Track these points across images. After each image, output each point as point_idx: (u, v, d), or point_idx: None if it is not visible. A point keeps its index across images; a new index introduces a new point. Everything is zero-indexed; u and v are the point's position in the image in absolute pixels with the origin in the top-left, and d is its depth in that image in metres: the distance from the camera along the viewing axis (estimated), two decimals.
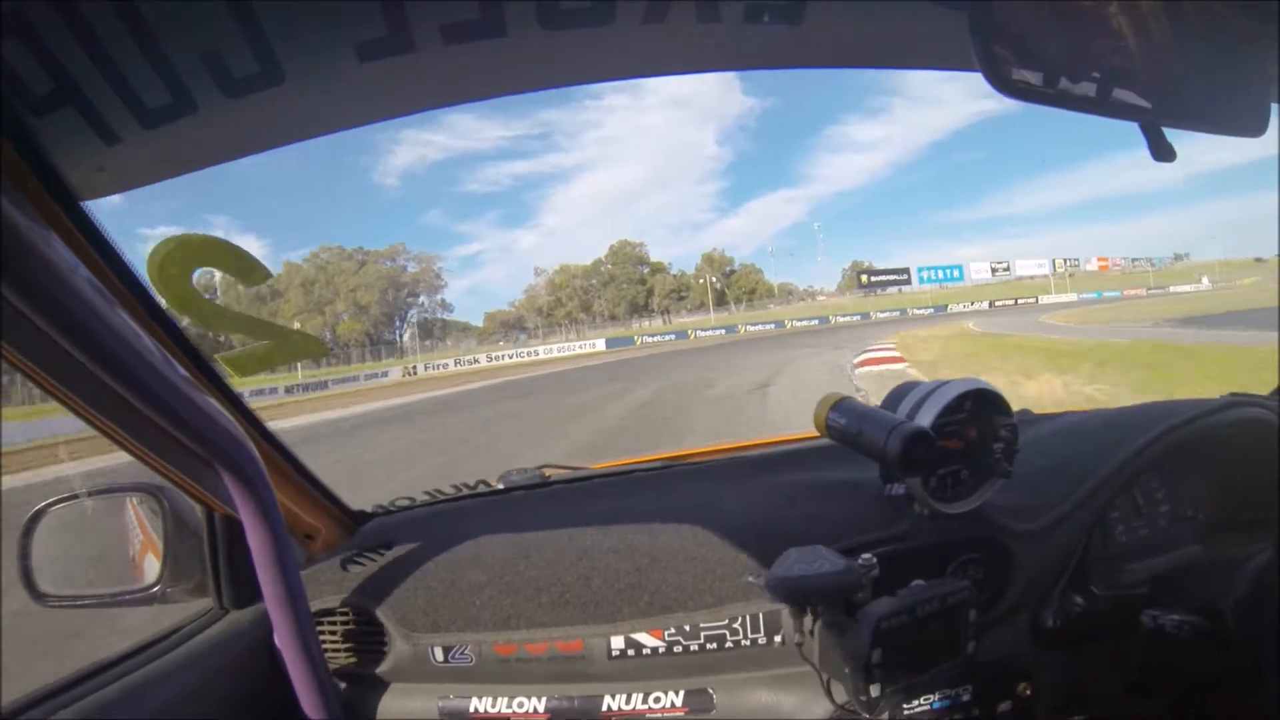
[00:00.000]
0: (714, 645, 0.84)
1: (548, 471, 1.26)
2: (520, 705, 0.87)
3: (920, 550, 0.87)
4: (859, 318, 58.46)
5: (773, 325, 59.81)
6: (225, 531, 0.85)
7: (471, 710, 0.88)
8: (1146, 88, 0.62)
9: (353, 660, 0.91)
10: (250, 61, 0.57)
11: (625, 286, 75.62)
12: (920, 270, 76.23)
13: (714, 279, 75.74)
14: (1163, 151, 0.60)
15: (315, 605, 0.88)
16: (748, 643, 0.84)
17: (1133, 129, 0.60)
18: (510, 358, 50.08)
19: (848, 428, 0.85)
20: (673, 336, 57.09)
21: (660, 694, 0.86)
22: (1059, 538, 0.90)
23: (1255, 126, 0.67)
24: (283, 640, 0.81)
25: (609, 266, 76.80)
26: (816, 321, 59.38)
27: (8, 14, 0.50)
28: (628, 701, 0.86)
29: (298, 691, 0.81)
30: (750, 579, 0.78)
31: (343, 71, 0.60)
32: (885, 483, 0.94)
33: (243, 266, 0.70)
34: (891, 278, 78.82)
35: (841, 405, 0.88)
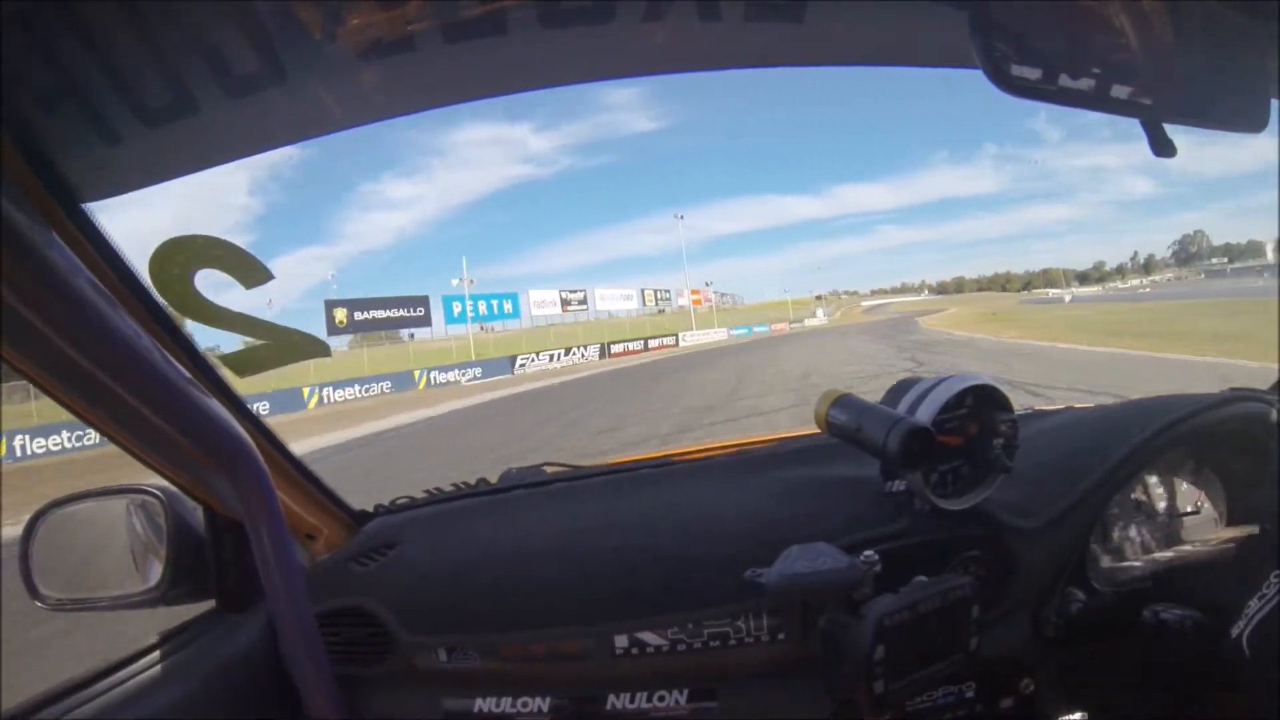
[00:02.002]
0: (717, 644, 0.84)
1: (548, 469, 1.26)
2: (525, 705, 0.87)
3: (922, 547, 0.88)
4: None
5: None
6: (227, 533, 0.85)
7: (476, 710, 0.88)
8: (1147, 84, 0.62)
9: (356, 662, 0.91)
10: (252, 61, 0.57)
11: None
12: (448, 302, 43.13)
13: None
14: (1163, 148, 0.60)
15: (318, 606, 0.88)
16: (751, 641, 0.84)
17: None
18: None
19: (848, 424, 0.86)
20: None
21: (664, 693, 0.86)
22: (1060, 534, 0.91)
23: (1256, 123, 0.67)
24: (286, 642, 0.81)
25: None
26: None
27: (9, 13, 0.50)
28: (631, 701, 0.86)
29: (301, 693, 0.81)
30: (752, 576, 0.78)
31: (344, 71, 0.61)
32: (886, 479, 0.94)
33: (244, 267, 0.70)
34: (388, 314, 44.69)
35: (842, 401, 0.88)
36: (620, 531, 0.97)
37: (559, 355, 39.49)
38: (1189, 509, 1.06)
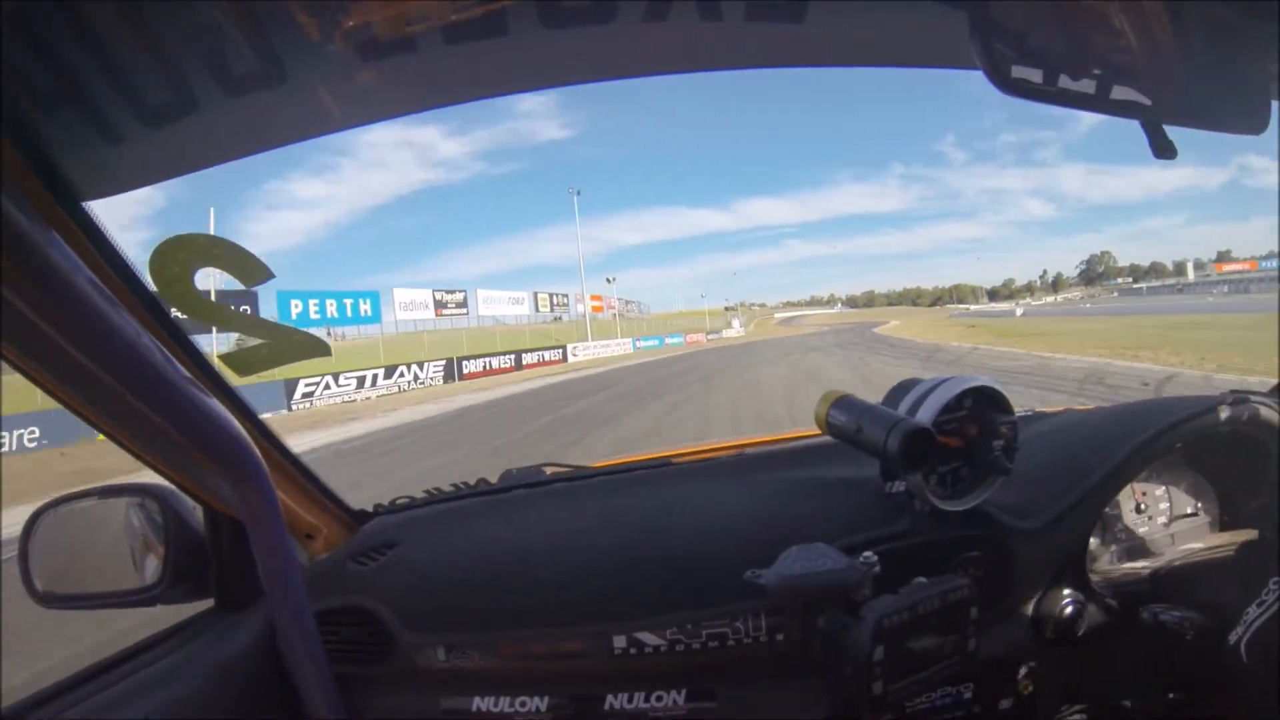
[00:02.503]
0: (716, 644, 0.84)
1: (547, 470, 1.26)
2: (523, 705, 0.87)
3: (921, 548, 0.88)
4: None
5: None
6: (226, 532, 0.85)
7: (474, 710, 0.88)
8: (1147, 85, 0.62)
9: (355, 661, 0.91)
10: (251, 60, 0.57)
11: None
12: (284, 300, 29.84)
13: None
14: (1163, 149, 0.60)
15: (317, 605, 0.88)
16: (750, 641, 0.84)
17: None
18: None
19: (848, 425, 0.86)
20: None
21: (662, 693, 0.86)
22: (1059, 535, 0.91)
23: (1256, 124, 0.67)
24: (285, 641, 0.81)
25: None
26: None
27: (9, 14, 0.50)
28: (630, 700, 0.86)
29: (300, 692, 0.81)
30: (751, 577, 0.78)
31: (344, 71, 0.61)
32: (886, 480, 0.94)
33: (245, 266, 0.70)
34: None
35: (842, 402, 0.88)
36: (619, 531, 0.97)
37: (373, 379, 23.95)
38: (1188, 511, 1.06)
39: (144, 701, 0.72)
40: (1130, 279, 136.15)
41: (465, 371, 27.84)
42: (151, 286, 0.71)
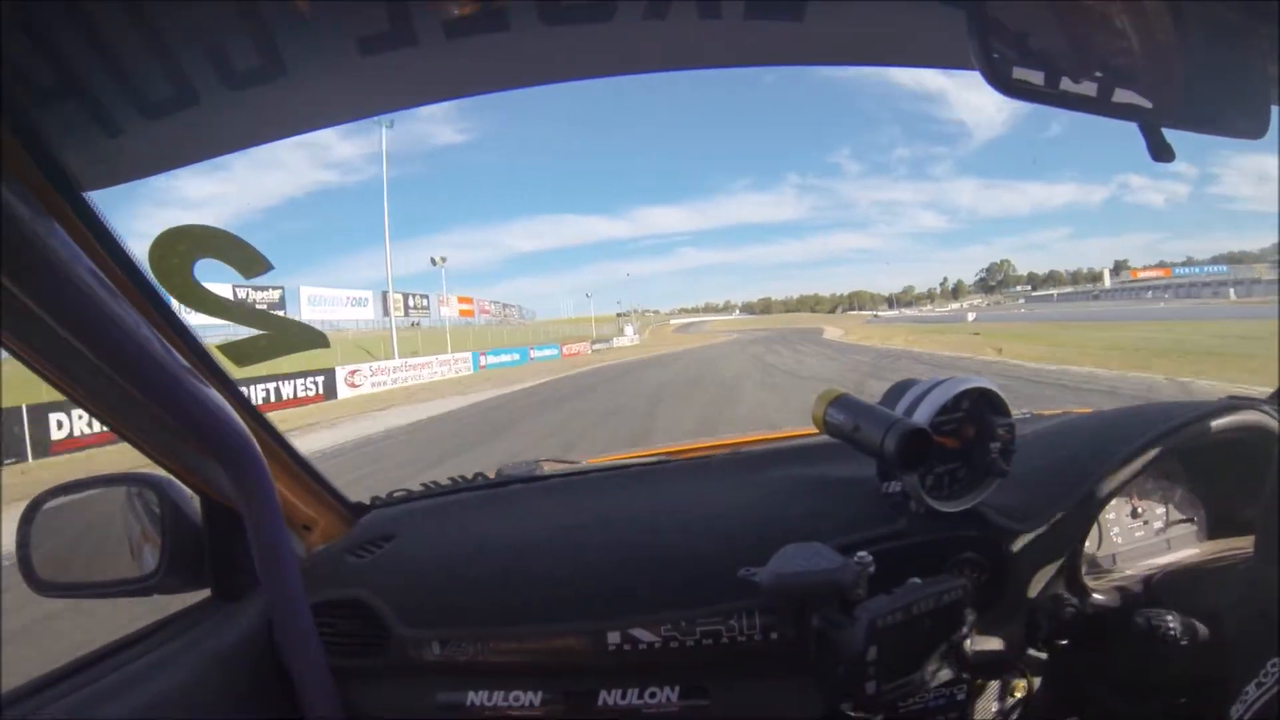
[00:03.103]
0: (710, 642, 0.84)
1: (544, 465, 1.26)
2: (516, 700, 0.87)
3: (917, 548, 0.88)
4: None
5: None
6: (224, 522, 0.86)
7: (468, 704, 0.88)
8: (1147, 88, 0.62)
9: (350, 653, 0.91)
10: (252, 54, 0.57)
11: None
12: None
13: None
14: (1161, 152, 0.60)
15: (313, 597, 0.88)
16: (744, 639, 0.85)
17: None
18: None
19: (845, 424, 0.86)
20: None
21: (656, 689, 0.86)
22: (1055, 538, 0.91)
23: (1255, 129, 0.67)
24: (281, 632, 0.81)
25: None
26: None
27: (11, 6, 0.50)
28: (624, 697, 0.86)
29: (296, 683, 0.81)
30: (746, 575, 0.78)
31: (344, 65, 0.61)
32: (883, 480, 0.94)
33: (244, 258, 0.70)
34: None
35: (840, 401, 0.88)
36: (616, 528, 0.98)
37: None
38: (1184, 517, 1.06)
39: (139, 690, 0.72)
40: (1029, 286, 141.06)
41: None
42: (151, 277, 0.71)
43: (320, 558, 0.99)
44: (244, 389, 0.83)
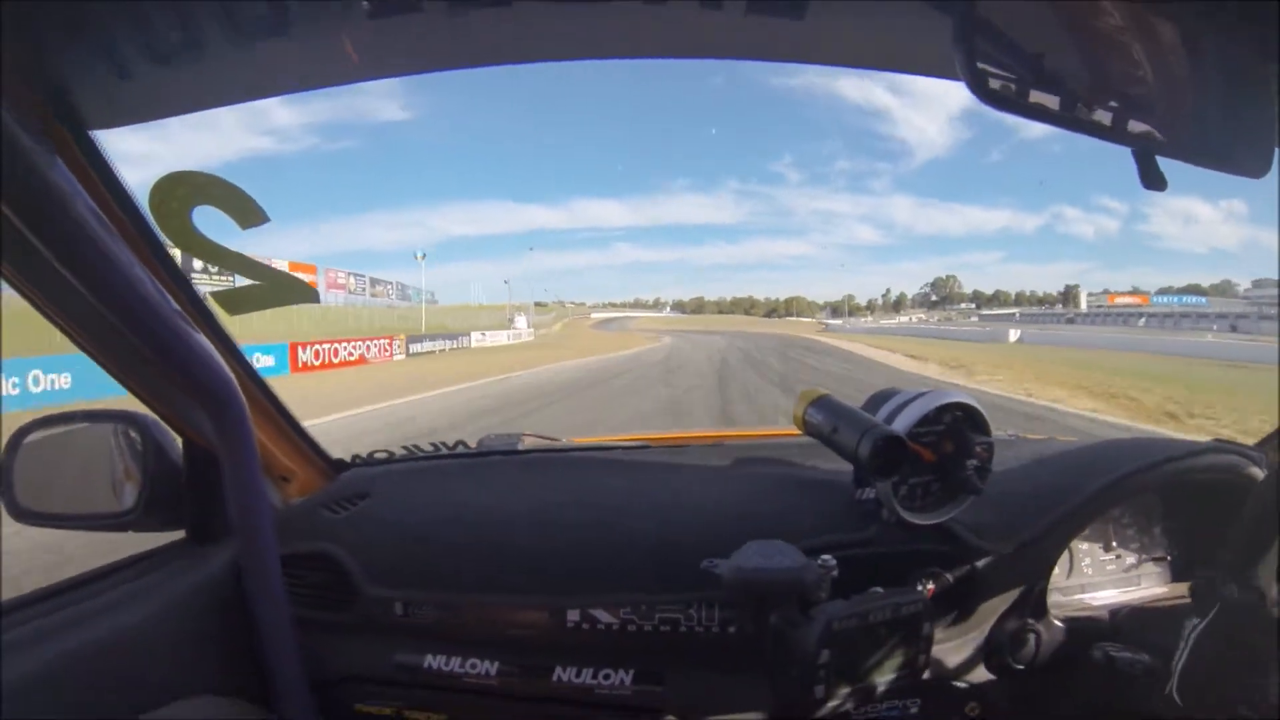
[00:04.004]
0: (668, 629, 0.85)
1: (526, 440, 1.27)
2: (473, 666, 0.88)
3: (884, 558, 0.88)
4: None
5: None
6: (203, 466, 0.87)
7: (426, 666, 0.89)
8: (1149, 116, 0.62)
9: (315, 605, 0.92)
10: (260, 8, 0.58)
11: None
12: None
13: None
14: (1153, 180, 0.59)
15: (285, 548, 0.89)
16: (702, 630, 0.85)
17: None
18: None
19: (823, 425, 0.86)
20: None
21: (611, 671, 0.87)
22: (1024, 562, 0.90)
23: (1258, 168, 0.66)
24: (249, 577, 0.82)
25: None
26: None
27: None
28: (578, 675, 0.87)
29: (258, 630, 0.83)
30: (709, 565, 0.79)
31: (350, 26, 0.61)
32: (858, 487, 0.94)
33: (242, 208, 0.71)
34: None
35: (821, 402, 0.88)
36: (588, 507, 0.98)
37: None
38: (1157, 555, 1.05)
39: (103, 621, 0.73)
40: (974, 304, 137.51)
41: None
42: (150, 220, 0.72)
43: (296, 509, 1.00)
44: None
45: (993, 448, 0.88)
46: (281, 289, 0.76)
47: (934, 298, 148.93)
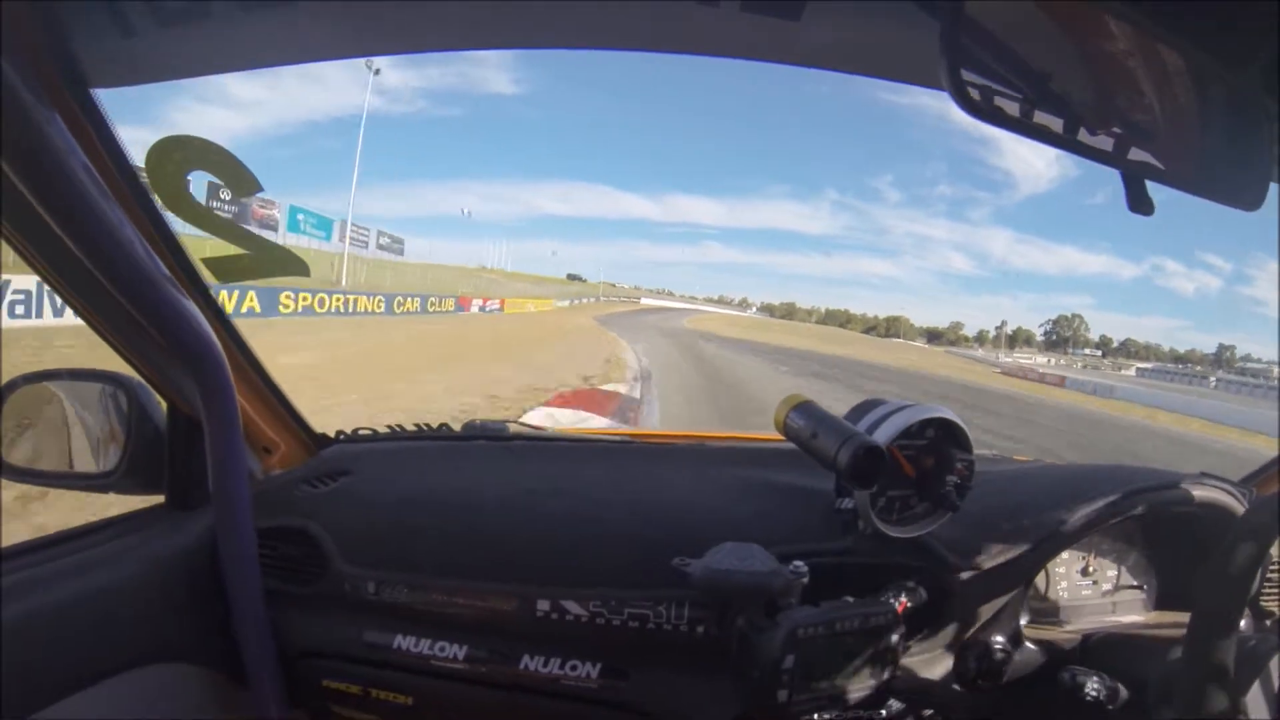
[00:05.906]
0: (636, 625, 0.85)
1: (512, 428, 1.27)
2: (441, 650, 0.89)
3: (858, 568, 0.88)
4: None
5: None
6: (186, 432, 0.87)
7: (395, 647, 0.89)
8: (1152, 144, 0.62)
9: (288, 579, 0.93)
10: None
11: None
12: None
13: None
14: (1141, 204, 0.59)
15: (262, 521, 0.90)
16: (669, 628, 0.85)
17: None
18: None
19: (803, 430, 0.85)
20: None
21: (578, 663, 0.87)
22: (998, 581, 0.90)
23: (1251, 201, 0.66)
24: (224, 545, 0.82)
25: None
26: None
27: None
28: (545, 665, 0.87)
29: (229, 600, 0.83)
30: (680, 564, 0.78)
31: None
32: (838, 496, 0.94)
33: (237, 176, 0.71)
34: None
35: (803, 407, 0.88)
36: (566, 498, 0.98)
37: None
38: (1133, 583, 1.05)
39: (75, 581, 0.73)
40: (1099, 352, 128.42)
41: None
42: (145, 183, 0.72)
43: (275, 482, 1.00)
44: None
45: (974, 465, 0.88)
46: (272, 261, 0.76)
47: (1054, 338, 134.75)
